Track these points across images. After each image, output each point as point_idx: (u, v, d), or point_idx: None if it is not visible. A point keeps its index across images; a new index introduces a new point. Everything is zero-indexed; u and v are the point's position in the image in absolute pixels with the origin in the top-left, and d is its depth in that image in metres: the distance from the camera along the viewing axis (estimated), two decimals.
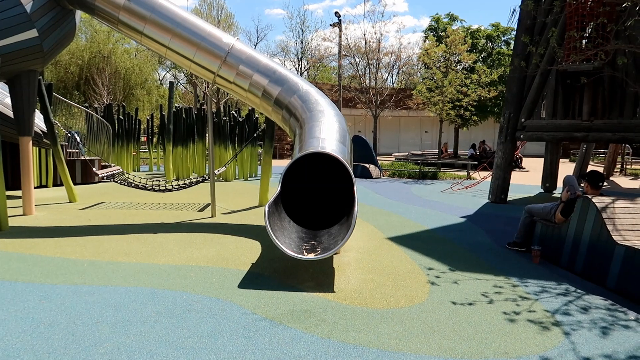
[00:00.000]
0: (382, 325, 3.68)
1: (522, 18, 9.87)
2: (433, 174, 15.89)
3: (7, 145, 9.74)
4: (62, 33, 8.12)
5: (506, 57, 23.72)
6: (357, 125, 30.34)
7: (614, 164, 17.55)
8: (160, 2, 7.48)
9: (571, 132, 9.36)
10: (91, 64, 31.85)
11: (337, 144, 6.05)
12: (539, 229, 6.01)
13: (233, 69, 7.48)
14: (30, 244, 6.18)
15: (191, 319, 3.76)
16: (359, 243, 6.41)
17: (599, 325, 3.74)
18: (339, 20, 22.71)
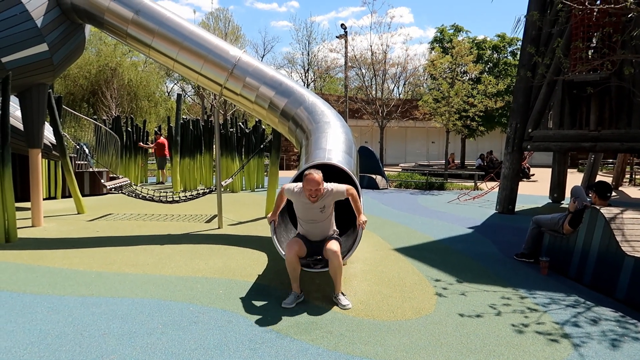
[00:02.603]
0: (389, 338, 3.66)
1: (527, 29, 9.89)
2: (440, 185, 15.84)
3: (17, 157, 9.84)
4: (72, 47, 8.24)
5: (512, 68, 23.73)
6: (363, 136, 30.39)
7: (623, 174, 17.43)
8: (168, 16, 7.58)
9: (579, 142, 9.32)
10: (99, 77, 32.19)
11: (344, 155, 6.06)
12: (547, 239, 5.97)
13: (240, 81, 7.54)
14: (38, 255, 6.22)
15: (197, 331, 3.76)
16: (365, 254, 6.40)
17: (608, 338, 3.70)
18: (345, 32, 22.85)
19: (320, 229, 4.49)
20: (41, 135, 8.57)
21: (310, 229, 4.50)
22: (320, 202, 4.36)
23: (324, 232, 4.51)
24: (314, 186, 4.26)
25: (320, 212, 4.37)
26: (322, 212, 4.37)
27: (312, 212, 4.40)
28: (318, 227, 4.47)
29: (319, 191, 4.28)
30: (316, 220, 4.44)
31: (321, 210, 4.36)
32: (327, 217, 4.46)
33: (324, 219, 4.43)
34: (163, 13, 7.59)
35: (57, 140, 9.77)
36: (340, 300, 4.35)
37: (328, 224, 4.50)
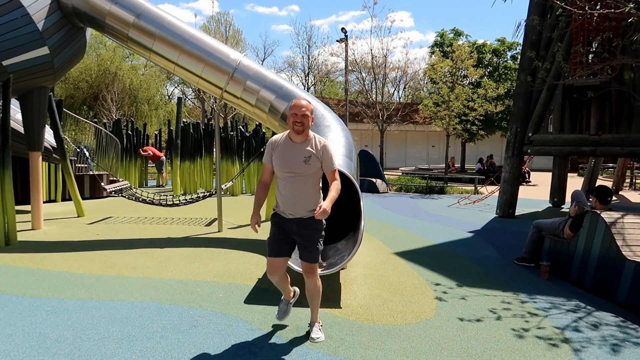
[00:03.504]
0: (389, 342, 3.65)
1: (527, 33, 9.91)
2: (440, 189, 15.84)
3: (17, 160, 9.85)
4: (73, 50, 8.26)
5: (512, 72, 23.77)
6: (363, 140, 30.42)
7: (623, 178, 17.42)
8: (169, 20, 7.60)
9: (579, 147, 9.32)
10: (100, 80, 32.25)
11: (344, 159, 6.06)
12: (547, 244, 5.97)
13: (240, 85, 7.55)
14: (38, 258, 6.21)
15: (197, 335, 3.75)
16: (365, 258, 6.39)
17: (609, 342, 3.69)
18: (345, 35, 22.89)
19: (300, 193, 3.58)
20: (42, 138, 8.57)
21: (288, 191, 3.59)
22: (306, 146, 3.57)
23: (305, 202, 3.59)
24: (300, 110, 3.51)
25: (304, 162, 3.53)
26: (306, 163, 3.53)
27: (294, 160, 3.54)
28: (299, 188, 3.57)
29: (305, 118, 3.51)
30: (297, 174, 3.54)
31: (305, 160, 3.53)
32: (312, 177, 3.59)
33: (307, 173, 3.54)
34: (164, 17, 7.61)
35: (58, 143, 9.77)
36: (312, 332, 3.76)
37: (312, 189, 3.62)
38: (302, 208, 3.60)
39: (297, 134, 3.58)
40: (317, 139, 3.65)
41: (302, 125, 3.53)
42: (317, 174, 3.63)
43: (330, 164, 3.62)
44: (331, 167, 3.63)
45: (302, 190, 3.60)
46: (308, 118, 3.55)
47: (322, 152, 3.60)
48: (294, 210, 3.61)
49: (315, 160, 3.56)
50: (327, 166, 3.62)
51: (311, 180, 3.60)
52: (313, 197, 3.63)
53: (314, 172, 3.59)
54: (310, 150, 3.58)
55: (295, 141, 3.60)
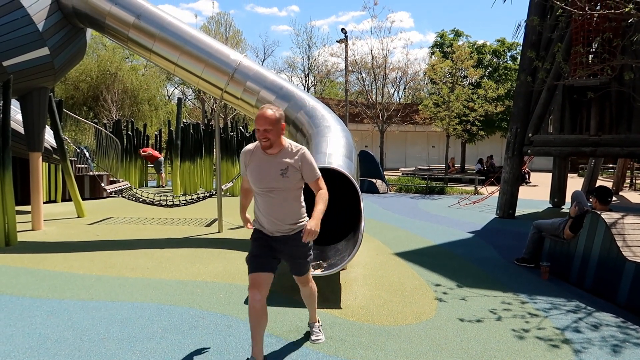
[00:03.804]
0: (389, 343, 3.65)
1: (527, 33, 9.91)
2: (440, 189, 15.84)
3: (17, 160, 9.85)
4: (73, 51, 8.26)
5: (512, 72, 23.78)
6: (363, 140, 30.42)
7: (623, 179, 17.42)
8: (169, 20, 7.60)
9: (579, 147, 9.33)
10: (100, 81, 32.26)
11: (344, 159, 6.06)
12: (547, 244, 5.97)
13: (240, 85, 7.55)
14: (38, 258, 6.21)
15: (197, 335, 3.74)
16: (365, 259, 6.39)
17: (610, 343, 3.69)
18: (345, 36, 22.90)
19: (281, 209, 3.24)
20: (42, 139, 8.57)
21: (267, 207, 3.24)
22: (282, 158, 3.20)
23: (288, 218, 3.26)
24: (262, 125, 3.10)
25: (280, 175, 3.17)
26: (284, 176, 3.17)
27: (270, 174, 3.18)
28: (279, 204, 3.23)
29: (269, 132, 3.10)
30: (275, 189, 3.19)
31: (282, 173, 3.17)
32: (292, 191, 3.25)
33: (286, 187, 3.20)
34: (164, 17, 7.61)
35: (58, 143, 9.78)
36: (313, 333, 3.68)
37: (294, 203, 3.28)
38: (283, 225, 3.27)
39: (264, 149, 3.21)
40: (293, 147, 3.26)
41: (268, 140, 3.14)
42: (297, 186, 3.28)
43: (312, 173, 3.26)
44: (313, 176, 3.27)
45: (283, 206, 3.24)
46: (273, 132, 3.13)
47: (301, 161, 3.22)
48: (277, 227, 3.27)
49: (293, 171, 3.20)
50: (309, 176, 3.26)
51: (292, 193, 3.25)
52: (296, 211, 3.30)
53: (294, 184, 3.23)
54: (287, 161, 3.19)
55: (269, 153, 3.22)
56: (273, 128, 3.13)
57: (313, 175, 3.29)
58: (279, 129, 3.17)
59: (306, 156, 3.25)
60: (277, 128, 3.15)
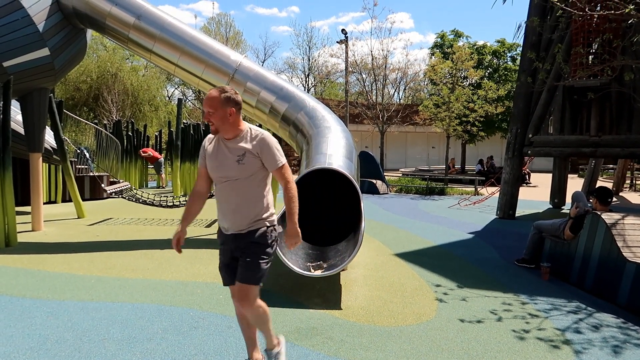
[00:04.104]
0: (390, 344, 3.65)
1: (527, 34, 9.92)
2: (440, 190, 15.84)
3: (17, 161, 9.85)
4: (73, 51, 8.27)
5: (512, 73, 23.78)
6: (363, 141, 30.42)
7: (624, 179, 17.42)
8: (169, 21, 7.60)
9: (579, 148, 9.33)
10: (100, 82, 32.29)
11: (344, 160, 6.07)
12: (547, 245, 5.96)
13: (241, 86, 7.55)
14: (38, 259, 6.21)
15: (198, 336, 3.74)
16: (366, 259, 6.38)
17: (610, 344, 3.68)
18: (345, 37, 22.91)
19: (237, 202, 2.87)
20: (42, 140, 8.57)
21: (223, 199, 2.92)
22: (238, 143, 2.86)
23: (245, 212, 2.87)
24: (205, 106, 2.82)
25: (237, 162, 2.83)
26: (240, 162, 2.83)
27: (226, 161, 2.87)
28: (236, 195, 2.87)
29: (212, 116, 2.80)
30: (230, 178, 2.86)
31: (239, 160, 2.83)
32: (251, 181, 2.87)
33: (244, 175, 2.84)
34: (164, 18, 7.61)
35: (58, 144, 9.78)
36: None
37: (253, 196, 2.89)
38: (241, 220, 2.88)
39: (213, 134, 2.94)
40: (252, 131, 2.92)
41: (213, 124, 2.85)
42: (258, 175, 2.89)
43: (273, 160, 2.88)
44: (275, 163, 2.89)
45: (239, 198, 2.87)
46: (215, 115, 2.81)
47: (260, 146, 2.86)
48: (231, 223, 2.90)
49: (251, 158, 2.84)
50: (270, 163, 2.88)
51: (251, 184, 2.88)
52: (255, 205, 2.89)
53: (254, 173, 2.87)
54: (243, 146, 2.86)
55: (226, 138, 2.91)
56: (215, 111, 2.80)
57: (275, 162, 2.89)
58: (225, 113, 2.81)
59: (266, 140, 2.89)
60: (222, 112, 2.80)
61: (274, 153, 2.88)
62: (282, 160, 2.92)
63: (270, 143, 2.89)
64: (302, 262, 5.09)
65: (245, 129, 2.93)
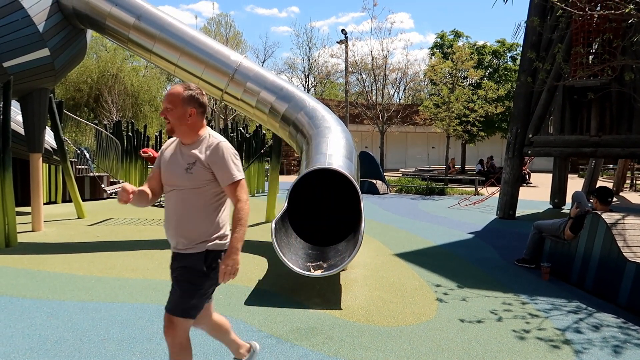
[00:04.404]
0: (390, 344, 3.65)
1: (527, 34, 9.92)
2: (440, 190, 15.84)
3: (18, 161, 9.85)
4: (74, 52, 8.27)
5: (512, 73, 23.77)
6: (363, 141, 30.40)
7: (624, 179, 17.41)
8: (169, 21, 7.60)
9: (579, 148, 9.33)
10: (100, 82, 32.31)
11: (344, 160, 6.07)
12: (548, 245, 5.96)
13: (241, 86, 7.55)
14: (38, 260, 6.21)
15: (197, 336, 3.73)
16: (366, 259, 6.38)
17: (610, 344, 3.68)
18: (345, 37, 22.91)
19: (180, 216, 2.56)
20: (42, 140, 8.58)
21: (168, 210, 2.63)
22: (191, 150, 2.55)
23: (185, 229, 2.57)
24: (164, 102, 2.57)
25: (185, 171, 2.51)
26: (188, 172, 2.50)
27: (176, 168, 2.56)
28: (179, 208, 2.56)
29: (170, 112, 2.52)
30: (177, 187, 2.55)
31: (187, 168, 2.51)
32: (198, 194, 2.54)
33: (190, 186, 2.52)
34: (164, 18, 7.61)
35: (58, 144, 9.78)
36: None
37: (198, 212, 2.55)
38: (181, 237, 2.59)
39: (168, 134, 2.66)
40: (210, 138, 2.58)
41: (169, 123, 2.57)
42: (209, 189, 2.54)
43: (225, 174, 2.51)
44: (227, 178, 2.51)
45: (183, 211, 2.54)
46: (173, 113, 2.52)
47: (212, 156, 2.51)
48: (172, 238, 2.65)
49: (200, 168, 2.50)
50: (222, 177, 2.52)
51: (199, 197, 2.53)
52: (201, 223, 2.55)
53: (202, 185, 2.52)
54: (195, 154, 2.53)
55: (184, 143, 2.62)
56: (174, 108, 2.52)
57: (227, 176, 2.51)
58: (185, 113, 2.52)
59: (220, 150, 2.52)
60: (182, 111, 2.52)
61: (228, 166, 2.52)
62: (237, 175, 2.54)
63: (225, 154, 2.53)
64: (302, 262, 5.09)
65: (204, 135, 2.61)
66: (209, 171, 2.52)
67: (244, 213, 2.53)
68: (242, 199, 2.54)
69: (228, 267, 2.50)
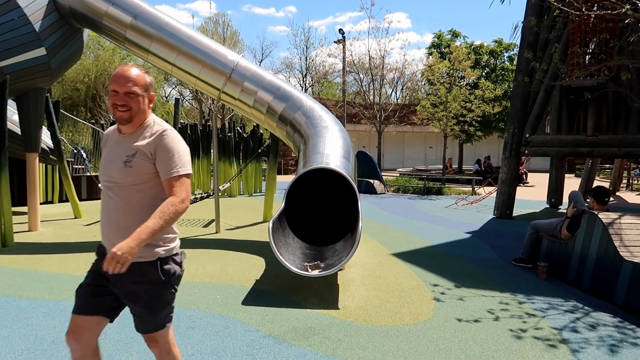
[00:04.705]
0: (387, 343, 3.65)
1: (524, 34, 9.94)
2: (438, 190, 15.85)
3: (14, 161, 9.81)
4: (70, 51, 8.24)
5: (509, 73, 23.82)
6: (361, 141, 30.41)
7: (620, 179, 17.47)
8: (166, 21, 7.58)
9: (576, 148, 9.35)
10: (98, 82, 32.22)
11: (341, 160, 6.07)
12: (545, 244, 5.97)
13: (238, 86, 7.54)
14: (35, 259, 6.19)
15: (195, 336, 3.73)
16: (363, 259, 6.38)
17: (607, 343, 3.69)
18: (342, 37, 22.92)
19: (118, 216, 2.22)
20: (38, 140, 8.55)
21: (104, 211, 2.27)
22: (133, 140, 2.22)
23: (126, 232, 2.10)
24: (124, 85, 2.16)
25: (123, 163, 2.18)
26: (127, 165, 2.17)
27: (113, 161, 2.23)
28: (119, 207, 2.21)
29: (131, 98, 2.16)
30: (114, 184, 2.21)
31: (126, 160, 2.18)
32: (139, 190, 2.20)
33: (129, 182, 2.19)
34: (161, 18, 7.59)
35: (55, 144, 9.75)
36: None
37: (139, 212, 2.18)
38: (124, 231, 2.15)
39: (121, 123, 2.25)
40: (155, 126, 2.26)
41: (129, 110, 2.19)
42: (151, 186, 2.22)
43: (168, 165, 2.18)
44: (168, 169, 2.18)
45: (123, 213, 2.21)
46: (138, 100, 2.19)
47: (156, 145, 2.19)
48: (112, 245, 2.10)
49: (141, 160, 2.18)
50: (163, 168, 2.18)
51: (141, 195, 2.21)
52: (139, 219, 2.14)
53: (144, 181, 2.20)
54: (136, 145, 2.20)
55: (124, 132, 2.28)
56: (142, 93, 2.20)
57: (169, 167, 2.17)
58: (147, 100, 2.24)
59: (165, 139, 2.20)
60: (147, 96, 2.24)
61: (171, 157, 2.17)
62: (182, 168, 2.18)
63: (172, 144, 2.19)
64: (300, 262, 5.09)
65: (148, 122, 2.27)
66: (150, 163, 2.18)
67: (172, 209, 2.12)
68: (178, 195, 2.15)
69: (118, 252, 1.97)
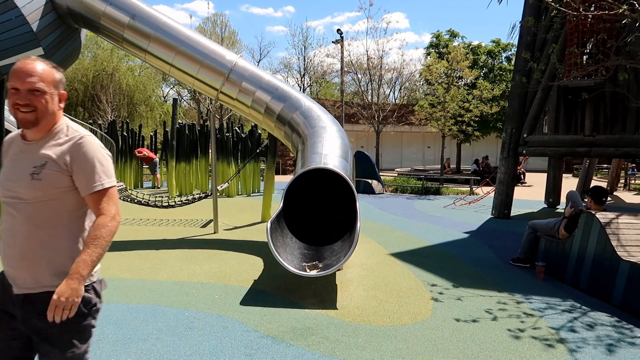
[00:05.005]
0: (386, 343, 3.65)
1: (522, 34, 9.95)
2: (436, 190, 15.86)
3: None
4: (68, 51, 8.23)
5: (507, 73, 23.84)
6: (359, 141, 30.41)
7: (618, 179, 17.51)
8: (164, 21, 7.58)
9: (574, 148, 9.37)
10: (95, 82, 32.18)
11: (340, 160, 6.07)
12: (542, 244, 5.98)
13: (236, 86, 7.54)
14: None
15: (193, 337, 3.73)
16: (361, 259, 6.39)
17: (604, 343, 3.70)
18: (340, 37, 22.92)
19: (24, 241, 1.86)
20: None
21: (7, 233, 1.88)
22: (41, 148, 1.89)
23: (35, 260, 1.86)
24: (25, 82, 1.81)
25: (30, 177, 1.83)
26: (34, 178, 1.83)
27: (17, 173, 1.87)
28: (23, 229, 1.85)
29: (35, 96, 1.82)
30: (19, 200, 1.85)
31: (34, 172, 1.84)
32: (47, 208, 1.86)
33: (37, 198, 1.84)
34: (159, 18, 7.59)
35: None
36: None
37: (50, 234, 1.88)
38: (32, 272, 1.85)
39: (25, 127, 1.89)
40: (69, 130, 1.93)
41: (34, 111, 1.84)
42: (66, 201, 1.89)
43: (91, 179, 1.88)
44: (90, 185, 1.88)
45: (26, 235, 1.85)
46: (44, 99, 1.84)
47: (73, 154, 1.87)
48: (16, 274, 1.86)
49: (52, 172, 1.85)
50: (83, 183, 1.88)
51: (49, 213, 1.86)
52: (59, 250, 1.88)
53: (56, 196, 1.86)
54: (46, 154, 1.87)
55: (29, 138, 1.93)
56: (49, 91, 1.86)
57: (90, 182, 1.87)
58: (55, 99, 1.90)
59: (83, 148, 1.88)
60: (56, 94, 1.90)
61: (93, 168, 1.87)
62: (106, 181, 1.89)
63: (90, 152, 1.88)
64: (298, 262, 5.09)
65: (60, 127, 1.93)
66: (64, 175, 1.86)
67: (105, 231, 1.85)
68: (107, 213, 1.87)
69: (62, 298, 1.74)
